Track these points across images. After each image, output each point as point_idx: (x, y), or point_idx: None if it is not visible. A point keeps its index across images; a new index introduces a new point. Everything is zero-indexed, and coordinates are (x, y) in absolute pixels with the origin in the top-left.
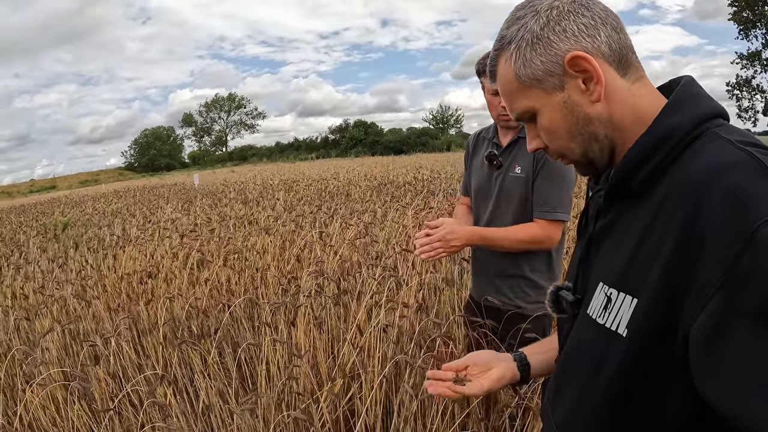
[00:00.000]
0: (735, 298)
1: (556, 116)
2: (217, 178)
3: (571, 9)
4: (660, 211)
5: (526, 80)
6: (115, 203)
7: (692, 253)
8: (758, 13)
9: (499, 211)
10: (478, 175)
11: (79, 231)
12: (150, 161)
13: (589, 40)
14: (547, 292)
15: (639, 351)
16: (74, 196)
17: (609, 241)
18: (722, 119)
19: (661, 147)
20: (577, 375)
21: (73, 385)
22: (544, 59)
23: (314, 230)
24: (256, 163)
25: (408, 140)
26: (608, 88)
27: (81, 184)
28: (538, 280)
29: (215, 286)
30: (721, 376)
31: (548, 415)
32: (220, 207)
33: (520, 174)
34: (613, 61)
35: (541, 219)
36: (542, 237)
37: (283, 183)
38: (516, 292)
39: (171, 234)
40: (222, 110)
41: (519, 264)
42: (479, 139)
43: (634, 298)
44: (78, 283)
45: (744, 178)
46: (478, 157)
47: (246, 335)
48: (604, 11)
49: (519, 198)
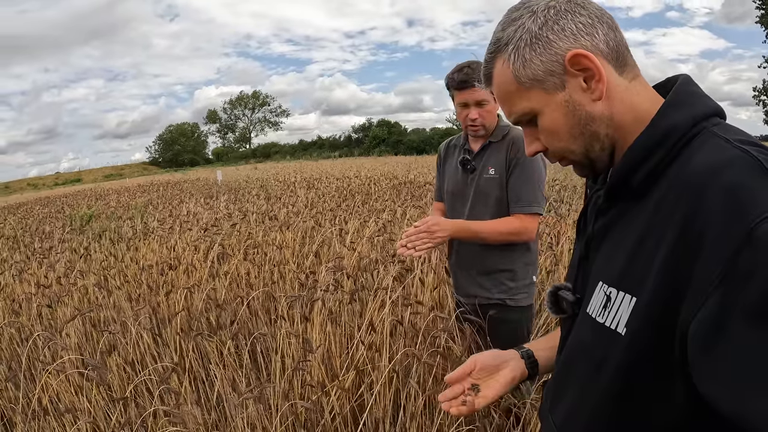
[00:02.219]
0: (734, 296)
1: (557, 116)
2: (240, 174)
3: (567, 8)
4: (659, 210)
5: (526, 81)
6: (139, 197)
7: (691, 252)
8: None
9: (476, 211)
10: (453, 179)
11: (104, 223)
12: (174, 157)
13: (587, 39)
14: (547, 292)
15: (638, 350)
16: (99, 190)
17: (608, 240)
18: (719, 118)
19: (659, 146)
20: (577, 374)
21: (89, 371)
22: (544, 59)
23: (334, 227)
24: (279, 161)
25: (431, 140)
26: (608, 86)
27: (106, 178)
28: (519, 270)
29: (234, 279)
30: (721, 375)
31: (547, 415)
32: (242, 203)
33: (494, 175)
34: (611, 59)
35: (519, 213)
36: (521, 229)
37: (305, 180)
38: (498, 286)
39: (192, 227)
40: (246, 107)
41: (500, 257)
42: (450, 147)
43: (633, 296)
44: (100, 273)
45: (742, 176)
46: (451, 165)
47: (263, 328)
48: (599, 10)
49: (495, 198)
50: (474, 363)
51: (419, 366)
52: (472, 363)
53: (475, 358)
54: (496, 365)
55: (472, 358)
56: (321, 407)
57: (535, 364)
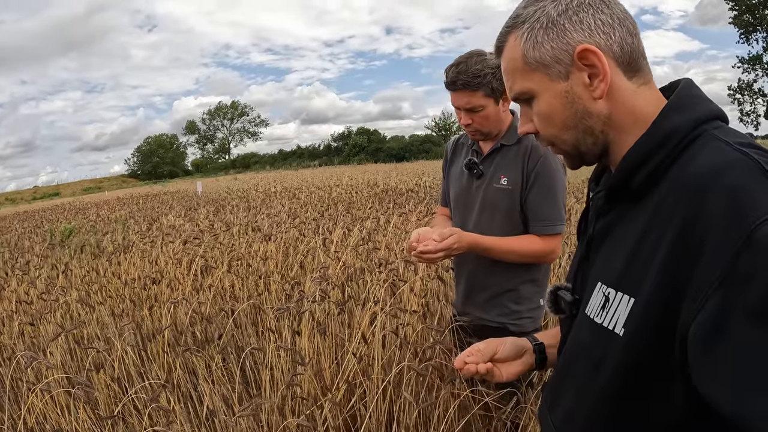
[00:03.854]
0: (734, 298)
1: (555, 104)
2: (220, 185)
3: (592, 3)
4: (659, 212)
5: (532, 62)
6: (119, 210)
7: (691, 253)
8: (759, 17)
9: (484, 222)
10: (457, 184)
11: (84, 238)
12: (153, 169)
13: (603, 37)
14: (546, 292)
15: (636, 350)
16: (78, 203)
17: (608, 242)
18: (720, 121)
19: (660, 148)
20: (576, 375)
21: (76, 390)
22: (555, 45)
23: (317, 237)
24: (258, 171)
25: (410, 147)
26: (612, 87)
27: (84, 192)
28: (524, 290)
29: (219, 292)
30: (721, 377)
31: (546, 416)
32: (223, 214)
33: (507, 186)
34: (623, 62)
35: (543, 234)
36: (546, 250)
37: (286, 190)
38: (499, 307)
39: (174, 240)
40: (225, 118)
41: (504, 273)
42: (458, 146)
43: (631, 297)
44: (82, 288)
45: (742, 179)
46: (457, 165)
47: (250, 341)
48: (624, 13)
49: (505, 210)
50: (495, 349)
51: (412, 377)
52: (493, 348)
53: (495, 347)
54: (516, 354)
55: (492, 346)
56: (314, 420)
57: (545, 359)
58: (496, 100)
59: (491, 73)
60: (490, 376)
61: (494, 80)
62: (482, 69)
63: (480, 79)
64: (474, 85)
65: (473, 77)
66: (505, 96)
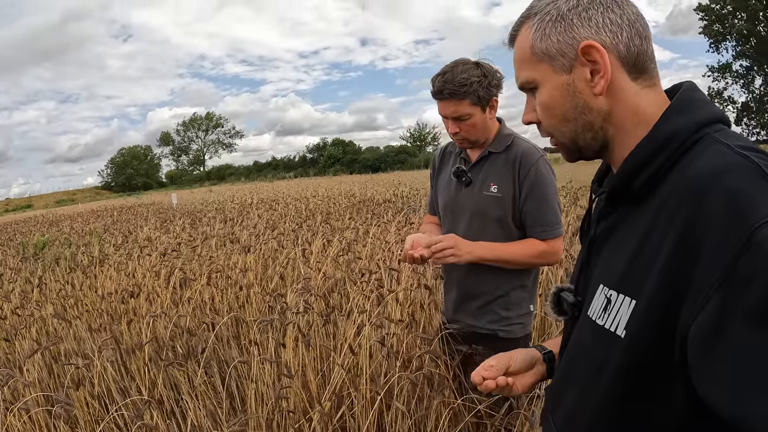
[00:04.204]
0: (734, 300)
1: (556, 95)
2: (195, 197)
3: (603, 2)
4: (660, 214)
5: (538, 53)
6: (93, 222)
7: (691, 256)
8: (728, 26)
9: (474, 229)
10: (446, 192)
11: (58, 251)
12: (127, 180)
13: (609, 36)
14: (550, 293)
15: (637, 352)
16: (51, 216)
17: (610, 243)
18: (722, 124)
19: (661, 150)
20: (578, 376)
21: (56, 409)
22: (561, 39)
23: (297, 248)
24: (234, 183)
25: (386, 158)
26: (614, 86)
27: (57, 204)
28: (514, 296)
29: (198, 304)
30: (721, 378)
31: (548, 418)
32: (200, 226)
33: (497, 193)
34: (627, 63)
35: (545, 239)
36: (549, 251)
37: (262, 202)
38: (489, 314)
39: (151, 252)
40: (200, 129)
41: (493, 279)
42: (445, 154)
43: (632, 299)
44: (58, 302)
45: (742, 182)
46: (445, 173)
47: (233, 354)
48: (636, 15)
49: (496, 218)
50: (507, 363)
51: (404, 386)
52: (506, 362)
53: (507, 360)
54: (528, 366)
55: (506, 360)
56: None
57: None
58: (483, 107)
59: (477, 82)
60: (508, 390)
61: (480, 88)
62: (468, 78)
63: (466, 88)
64: (461, 93)
65: (460, 86)
66: (492, 104)
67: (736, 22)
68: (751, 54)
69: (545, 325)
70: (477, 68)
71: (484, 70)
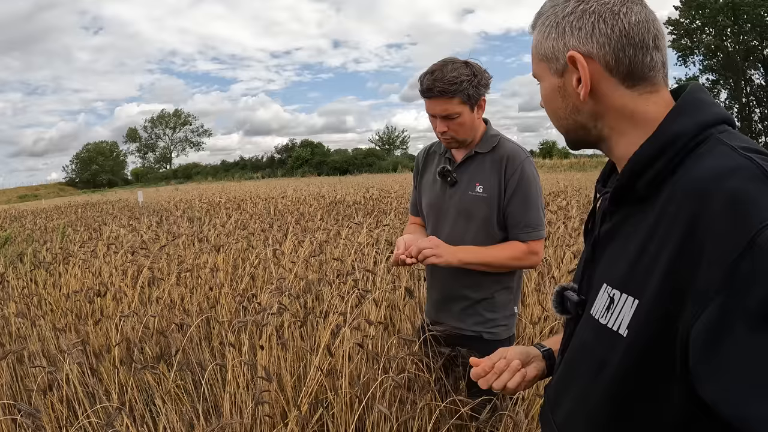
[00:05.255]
0: (735, 301)
1: (551, 94)
2: (162, 195)
3: (598, 11)
4: (663, 215)
5: (540, 53)
6: (57, 219)
7: (693, 257)
8: (696, 41)
9: (459, 229)
10: (430, 191)
11: (20, 247)
12: (92, 177)
13: (596, 47)
14: (553, 292)
15: (639, 352)
16: (13, 211)
17: (614, 243)
18: (727, 125)
19: (665, 151)
20: (579, 375)
21: (21, 417)
22: (554, 45)
23: (267, 248)
24: (201, 182)
25: (354, 161)
26: (599, 92)
27: (20, 199)
28: (498, 298)
29: (167, 305)
30: (722, 379)
31: (548, 416)
32: (167, 224)
33: (482, 194)
34: (619, 72)
35: (528, 240)
36: (529, 253)
37: (230, 201)
38: (474, 316)
39: (118, 250)
40: (168, 126)
41: (478, 281)
42: (430, 154)
43: (635, 299)
44: (21, 301)
45: (745, 184)
46: (430, 173)
47: (204, 356)
48: (633, 25)
49: (481, 218)
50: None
51: (387, 389)
52: (511, 356)
53: (504, 352)
54: (526, 361)
55: (500, 351)
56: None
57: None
58: (472, 106)
59: (467, 80)
60: (521, 377)
61: (470, 87)
62: (458, 76)
63: (456, 86)
64: (450, 92)
65: (449, 84)
66: (480, 103)
67: (704, 37)
68: (717, 68)
69: (518, 327)
70: (466, 67)
71: (474, 69)
